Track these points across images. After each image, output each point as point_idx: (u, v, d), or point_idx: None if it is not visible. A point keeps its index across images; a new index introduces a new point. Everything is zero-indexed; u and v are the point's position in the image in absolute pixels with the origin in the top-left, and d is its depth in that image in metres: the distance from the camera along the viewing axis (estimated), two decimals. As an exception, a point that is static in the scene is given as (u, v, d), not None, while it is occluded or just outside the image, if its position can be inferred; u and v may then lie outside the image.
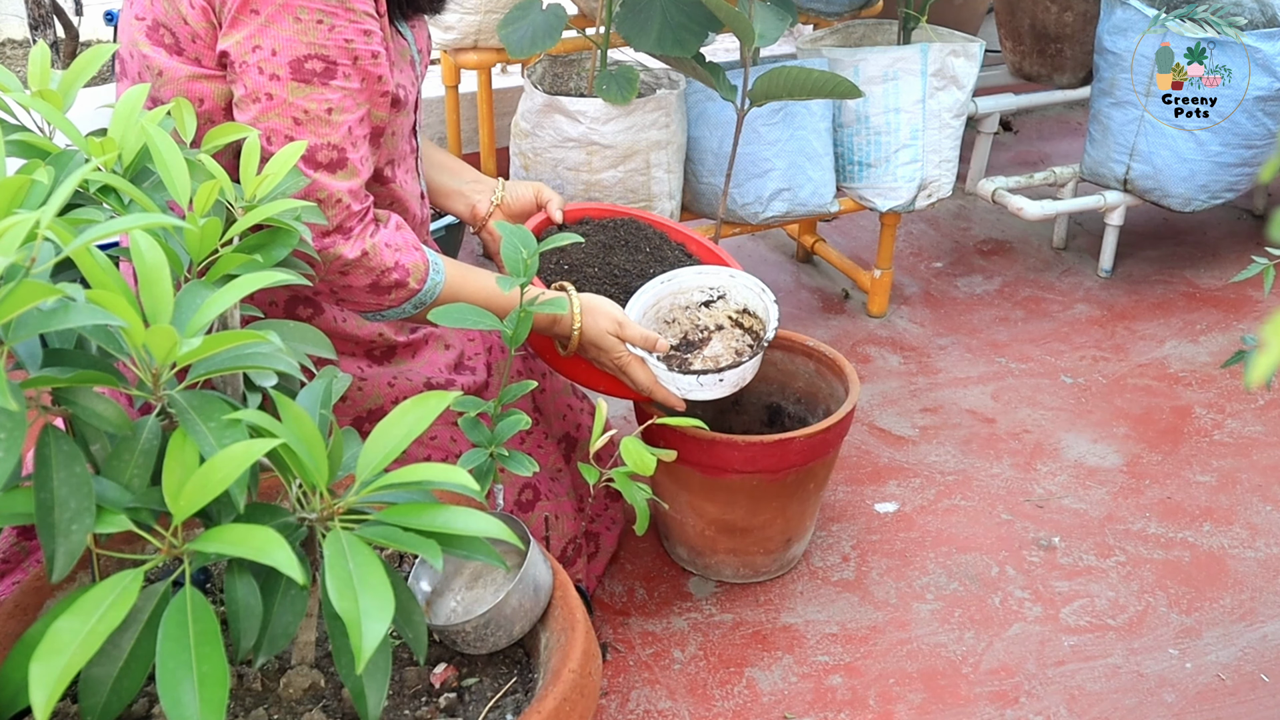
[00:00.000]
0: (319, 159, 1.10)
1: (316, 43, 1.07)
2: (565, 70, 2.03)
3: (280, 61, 1.07)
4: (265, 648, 0.77)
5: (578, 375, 1.43)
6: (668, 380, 1.38)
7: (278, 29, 1.06)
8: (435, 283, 1.22)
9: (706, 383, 1.37)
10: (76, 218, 0.77)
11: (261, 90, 1.08)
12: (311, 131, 1.09)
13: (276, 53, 1.07)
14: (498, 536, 0.76)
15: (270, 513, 0.78)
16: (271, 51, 1.07)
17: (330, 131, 1.10)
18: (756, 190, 2.07)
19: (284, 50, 1.07)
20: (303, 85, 1.08)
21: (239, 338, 0.71)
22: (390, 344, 1.34)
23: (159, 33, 1.11)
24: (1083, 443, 2.01)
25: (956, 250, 2.71)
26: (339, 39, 1.09)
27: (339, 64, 1.09)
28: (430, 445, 1.34)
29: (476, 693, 1.00)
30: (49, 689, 0.60)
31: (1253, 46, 2.17)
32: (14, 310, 0.60)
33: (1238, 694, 1.50)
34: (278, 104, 1.08)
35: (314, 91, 1.08)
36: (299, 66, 1.07)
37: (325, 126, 1.10)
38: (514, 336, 1.17)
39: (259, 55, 1.07)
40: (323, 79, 1.09)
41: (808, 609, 1.62)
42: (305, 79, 1.08)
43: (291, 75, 1.07)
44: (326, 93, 1.09)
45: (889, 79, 2.09)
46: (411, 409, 0.76)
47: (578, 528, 1.51)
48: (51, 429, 0.68)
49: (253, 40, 1.07)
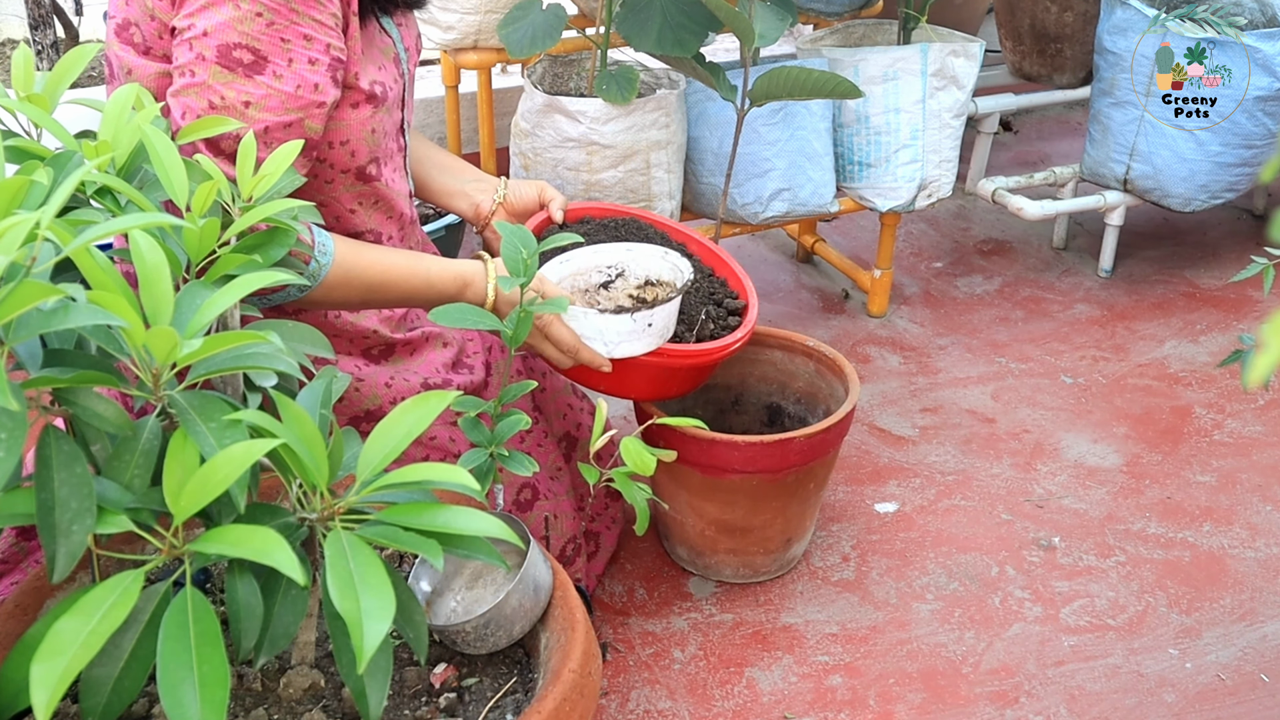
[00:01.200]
0: (222, 147, 1.09)
1: (250, 34, 1.07)
2: (565, 70, 2.03)
3: (209, 43, 1.06)
4: (266, 648, 0.77)
5: (577, 374, 1.43)
6: (592, 331, 1.31)
7: (215, 12, 1.06)
8: (320, 264, 1.16)
9: (635, 323, 1.31)
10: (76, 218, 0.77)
11: (187, 66, 1.07)
12: (221, 121, 1.07)
13: (208, 34, 1.06)
14: (498, 536, 0.76)
15: (270, 513, 0.78)
16: (204, 31, 1.06)
17: (243, 124, 1.07)
18: (756, 190, 2.07)
19: (215, 33, 1.06)
20: (225, 72, 1.07)
21: (239, 338, 0.71)
22: (387, 342, 1.34)
23: (129, 31, 1.12)
24: (1083, 443, 2.01)
25: (956, 250, 2.71)
26: (275, 36, 1.08)
27: (270, 61, 1.08)
28: (429, 446, 1.34)
29: (476, 693, 1.00)
30: (50, 689, 0.60)
31: (1253, 46, 2.17)
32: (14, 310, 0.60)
33: (1238, 694, 1.50)
34: (198, 84, 1.07)
35: (235, 81, 1.07)
36: (226, 53, 1.07)
37: (238, 118, 1.08)
38: (514, 337, 1.17)
39: (192, 32, 1.07)
40: (248, 71, 1.08)
41: (808, 609, 1.62)
42: (229, 66, 1.07)
43: (217, 59, 1.07)
44: (249, 86, 1.08)
45: (889, 79, 2.09)
46: (411, 409, 0.76)
47: (577, 527, 1.51)
48: (52, 429, 0.68)
49: (191, 17, 1.07)
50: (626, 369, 1.39)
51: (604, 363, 1.33)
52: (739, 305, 1.51)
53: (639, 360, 1.38)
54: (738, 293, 1.54)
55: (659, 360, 1.39)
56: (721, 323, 1.47)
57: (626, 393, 1.48)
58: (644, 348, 1.35)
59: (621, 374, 1.40)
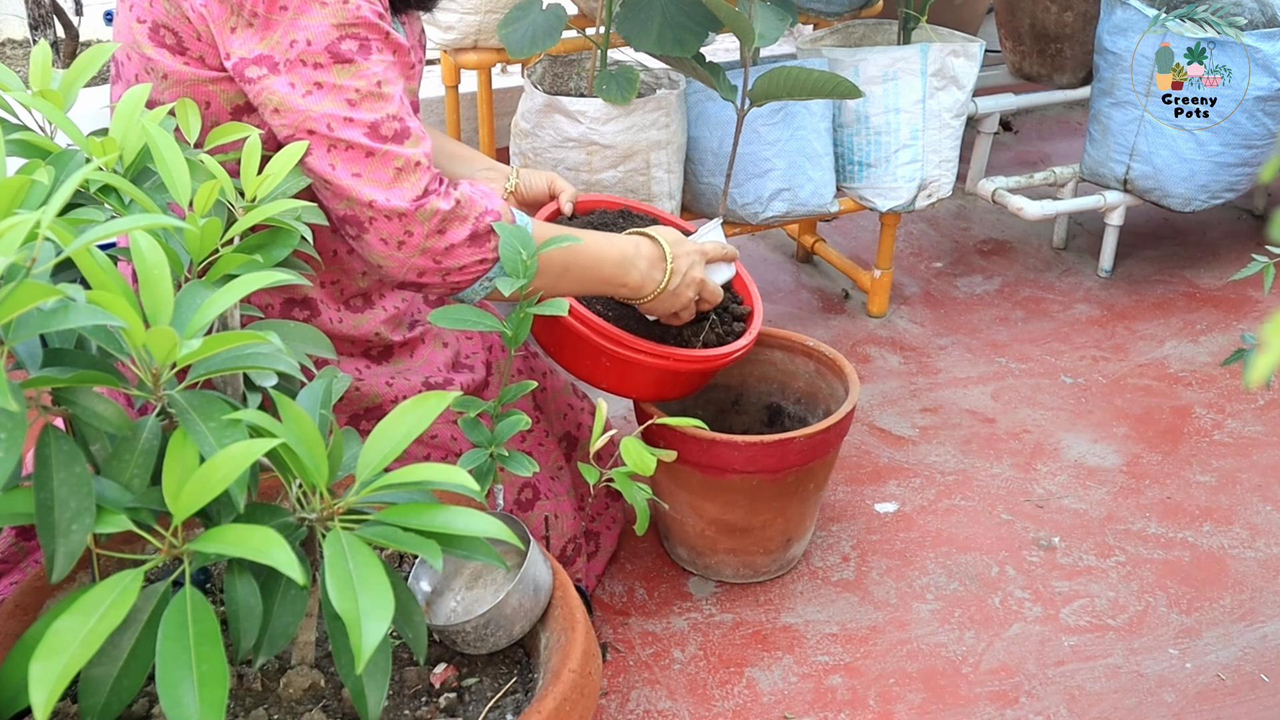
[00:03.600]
0: (383, 132, 1.10)
1: (346, 23, 1.07)
2: (565, 70, 2.03)
3: (318, 48, 1.06)
4: (265, 648, 0.77)
5: (580, 370, 1.43)
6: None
7: (307, 19, 1.06)
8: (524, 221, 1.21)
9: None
10: (77, 218, 0.77)
11: (310, 81, 1.07)
12: (369, 109, 1.09)
13: (312, 41, 1.06)
14: (498, 536, 0.76)
15: (270, 513, 0.78)
16: (307, 42, 1.06)
17: (385, 104, 1.09)
18: (756, 190, 2.07)
19: (319, 37, 1.06)
20: (346, 66, 1.07)
21: (239, 338, 0.71)
22: (387, 343, 1.34)
23: (160, 34, 1.10)
24: (1083, 443, 2.01)
25: (956, 250, 2.71)
26: (366, 16, 1.08)
27: (371, 39, 1.09)
28: (430, 444, 1.34)
29: (476, 693, 1.00)
30: (49, 689, 0.60)
31: (1253, 46, 2.17)
32: (14, 310, 0.60)
33: (1238, 694, 1.50)
34: (328, 90, 1.07)
35: (357, 69, 1.08)
36: (336, 49, 1.07)
37: (379, 101, 1.09)
38: (514, 337, 1.17)
39: (298, 49, 1.06)
40: (362, 55, 1.08)
41: (808, 609, 1.62)
42: (346, 59, 1.07)
43: (333, 60, 1.07)
44: (370, 67, 1.09)
45: (889, 79, 2.09)
46: (411, 409, 0.76)
47: (578, 527, 1.51)
48: (51, 429, 0.68)
49: (288, 35, 1.06)
50: (631, 369, 1.39)
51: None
52: (744, 311, 1.51)
53: (644, 362, 1.38)
54: (743, 298, 1.54)
55: (664, 363, 1.39)
56: (726, 328, 1.48)
57: (630, 392, 1.48)
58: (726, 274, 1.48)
59: (626, 374, 1.40)
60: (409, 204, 1.10)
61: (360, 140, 1.08)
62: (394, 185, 1.10)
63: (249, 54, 1.07)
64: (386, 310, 1.33)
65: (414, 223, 1.11)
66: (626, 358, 1.37)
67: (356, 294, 1.30)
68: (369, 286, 1.31)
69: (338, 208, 1.11)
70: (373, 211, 1.10)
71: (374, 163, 1.09)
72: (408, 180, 1.10)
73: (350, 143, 1.08)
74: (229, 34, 1.07)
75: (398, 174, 1.10)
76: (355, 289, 1.29)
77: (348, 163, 1.08)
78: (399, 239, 1.12)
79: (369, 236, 1.12)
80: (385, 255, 1.13)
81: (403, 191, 1.10)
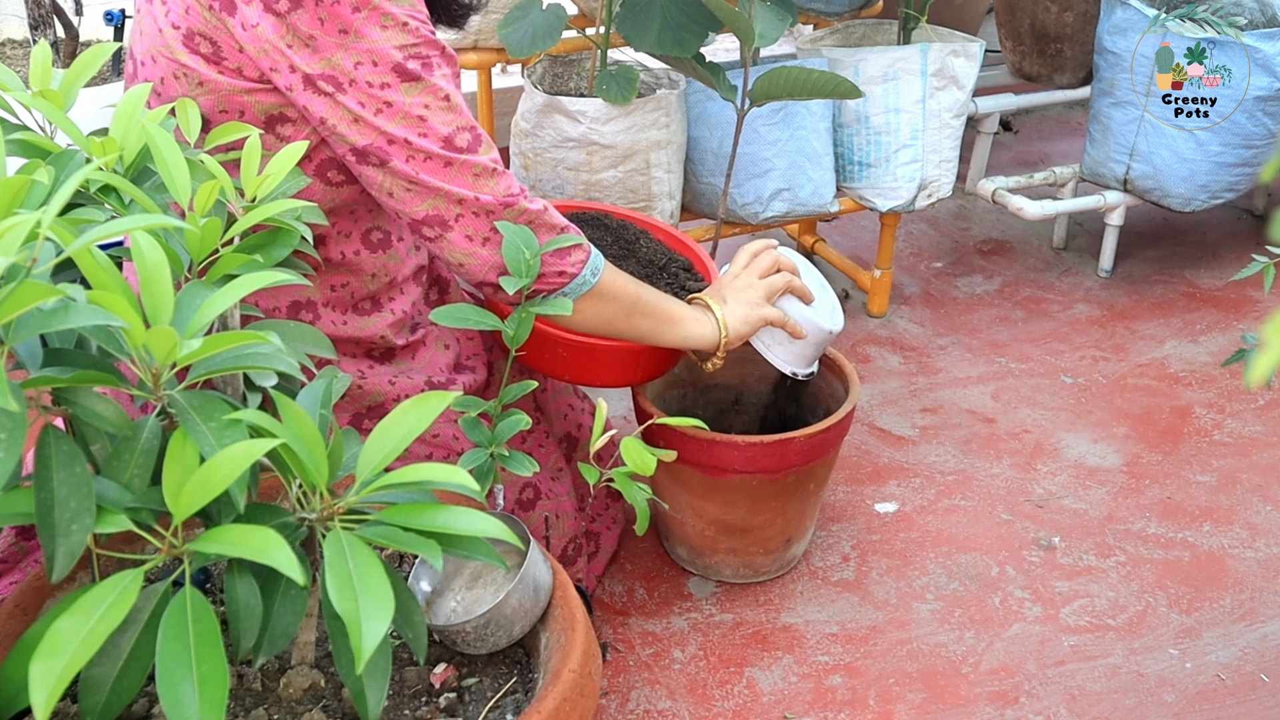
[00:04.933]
0: (458, 144, 1.11)
1: (407, 43, 1.08)
2: (565, 70, 2.03)
3: (384, 69, 1.07)
4: (265, 648, 0.77)
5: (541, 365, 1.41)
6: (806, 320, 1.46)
7: (368, 40, 1.06)
8: (593, 248, 1.24)
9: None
10: (77, 218, 0.77)
11: (379, 100, 1.08)
12: (440, 122, 1.10)
13: (378, 63, 1.07)
14: (498, 536, 0.76)
15: (270, 513, 0.77)
16: (373, 62, 1.07)
17: (455, 116, 1.11)
18: (756, 190, 2.07)
19: (384, 58, 1.07)
20: (413, 84, 1.09)
21: (239, 338, 0.71)
22: (391, 346, 1.34)
23: (195, 41, 1.09)
24: (1083, 443, 2.01)
25: (956, 250, 2.71)
26: (424, 34, 1.10)
27: (431, 56, 1.10)
28: (432, 443, 1.34)
29: (476, 693, 1.00)
30: (49, 689, 0.60)
31: (1253, 46, 2.17)
32: (14, 310, 0.60)
33: (1238, 694, 1.50)
34: (397, 110, 1.08)
35: (424, 86, 1.09)
36: (402, 69, 1.08)
37: (449, 113, 1.11)
38: (514, 337, 1.17)
39: (363, 70, 1.07)
40: (426, 72, 1.10)
41: (808, 609, 1.62)
42: (412, 78, 1.09)
43: (400, 79, 1.08)
44: (436, 82, 1.10)
45: (889, 79, 2.09)
46: (412, 409, 0.76)
47: (578, 527, 1.52)
48: (51, 429, 0.68)
49: (352, 57, 1.06)
50: (590, 356, 1.37)
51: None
52: (701, 286, 1.50)
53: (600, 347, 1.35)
54: (702, 276, 1.53)
55: (622, 344, 1.37)
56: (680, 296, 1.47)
57: (597, 381, 1.44)
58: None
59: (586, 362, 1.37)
60: (497, 200, 1.14)
61: (439, 152, 1.10)
62: (478, 187, 1.13)
63: (313, 70, 1.07)
64: (395, 314, 1.33)
65: (503, 219, 1.14)
66: (581, 344, 1.35)
67: (365, 297, 1.30)
68: (378, 289, 1.30)
69: (418, 209, 1.13)
70: (461, 209, 1.13)
71: (454, 171, 1.12)
72: (491, 181, 1.14)
73: (429, 153, 1.10)
74: (285, 49, 1.07)
75: (476, 178, 1.13)
76: (365, 291, 1.29)
77: (429, 171, 1.11)
78: (485, 235, 1.15)
79: (452, 234, 1.14)
80: (469, 252, 1.15)
81: (491, 189, 1.14)
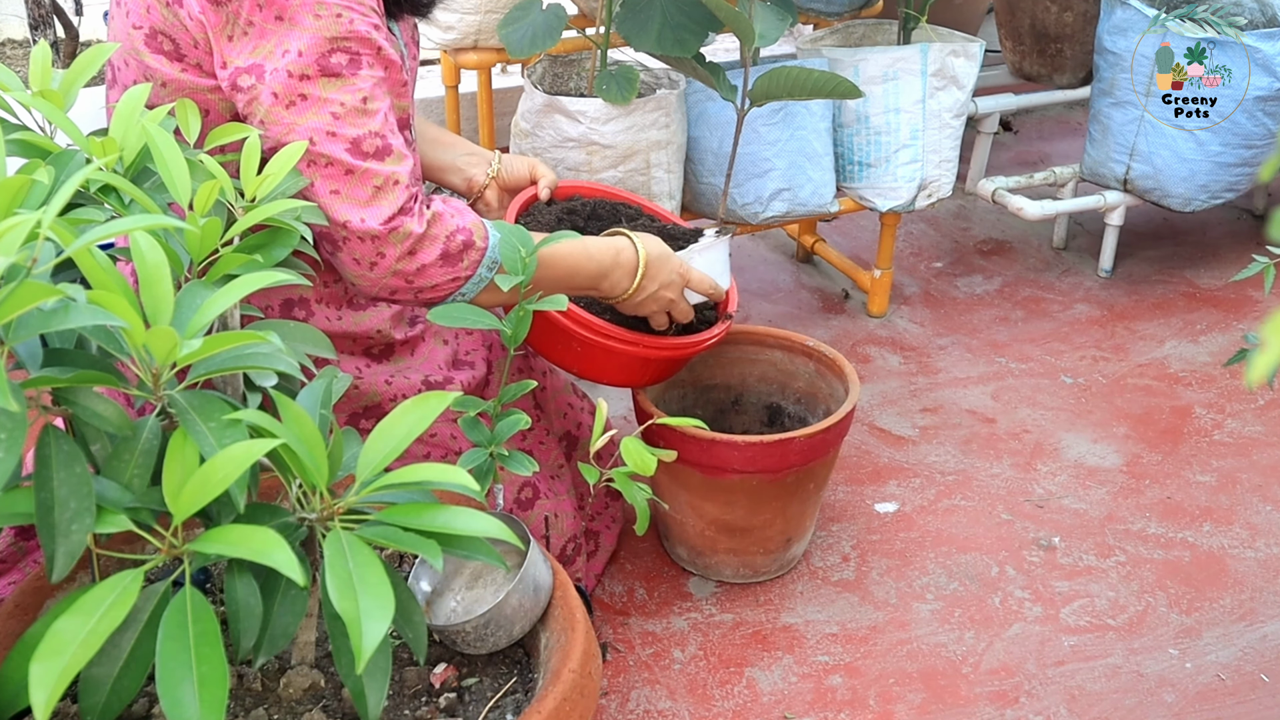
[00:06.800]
0: (365, 149, 1.10)
1: (339, 36, 1.07)
2: (565, 70, 2.03)
3: (308, 60, 1.06)
4: (265, 648, 0.77)
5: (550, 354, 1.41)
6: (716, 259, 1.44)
7: (300, 30, 1.06)
8: (496, 238, 1.21)
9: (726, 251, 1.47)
10: (77, 218, 0.77)
11: (295, 92, 1.07)
12: (352, 124, 1.09)
13: (303, 53, 1.06)
14: (498, 536, 0.76)
15: (270, 513, 0.78)
16: (298, 52, 1.06)
17: (369, 120, 1.10)
18: (756, 190, 2.07)
19: (309, 49, 1.06)
20: (333, 80, 1.08)
21: (239, 338, 0.71)
22: (389, 341, 1.34)
23: (157, 40, 1.10)
24: (1083, 443, 2.01)
25: (956, 250, 2.71)
26: (359, 30, 1.08)
27: (362, 54, 1.09)
28: (431, 443, 1.34)
29: (476, 693, 1.00)
30: (49, 689, 0.60)
31: (1253, 46, 2.17)
32: (15, 310, 0.60)
33: (1238, 694, 1.50)
34: (313, 102, 1.07)
35: (345, 84, 1.08)
36: (325, 62, 1.07)
37: (363, 117, 1.09)
38: (513, 336, 1.16)
39: (287, 59, 1.06)
40: (350, 70, 1.08)
41: (808, 609, 1.62)
42: (334, 73, 1.08)
43: (321, 72, 1.07)
44: (357, 83, 1.09)
45: (889, 79, 2.09)
46: (411, 409, 0.76)
47: (578, 527, 1.51)
48: (52, 429, 0.68)
49: (281, 45, 1.06)
50: (601, 355, 1.38)
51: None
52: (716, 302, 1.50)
53: (613, 348, 1.37)
54: None
55: (633, 350, 1.37)
56: (699, 316, 1.47)
57: (599, 377, 1.45)
58: (727, 281, 1.48)
59: (595, 359, 1.39)
60: (381, 226, 1.10)
61: (341, 156, 1.08)
62: (370, 204, 1.10)
63: (243, 63, 1.07)
64: (391, 306, 1.33)
65: (387, 245, 1.11)
66: (595, 343, 1.36)
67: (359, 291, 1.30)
68: None
69: (316, 223, 1.12)
70: (346, 232, 1.10)
71: (353, 180, 1.09)
72: (384, 199, 1.11)
73: (331, 158, 1.08)
74: (226, 42, 1.07)
75: (375, 192, 1.10)
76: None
77: (327, 179, 1.09)
78: (371, 260, 1.12)
79: (342, 255, 1.13)
80: (358, 275, 1.14)
81: (377, 211, 1.10)
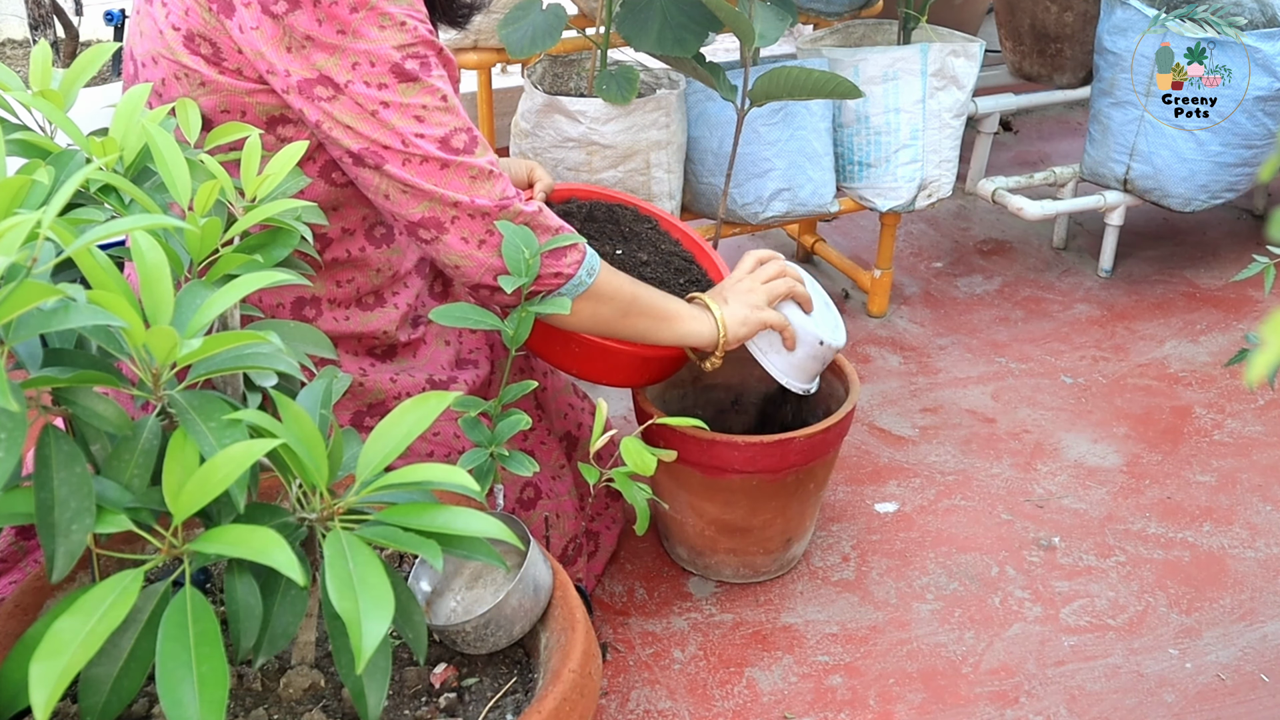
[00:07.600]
0: (455, 144, 1.12)
1: (405, 43, 1.08)
2: (565, 70, 2.03)
3: (382, 70, 1.07)
4: (265, 648, 0.77)
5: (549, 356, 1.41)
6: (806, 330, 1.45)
7: (366, 40, 1.06)
8: (588, 249, 1.24)
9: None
10: (77, 218, 0.77)
11: (376, 101, 1.08)
12: (437, 123, 1.10)
13: (375, 63, 1.07)
14: (498, 537, 0.75)
15: (270, 513, 0.77)
16: (370, 63, 1.07)
17: (452, 117, 1.12)
18: (756, 190, 2.07)
19: (381, 59, 1.07)
20: (411, 85, 1.09)
21: (239, 338, 0.71)
22: (393, 342, 1.34)
23: (195, 43, 1.10)
24: (1083, 443, 2.01)
25: (956, 250, 2.71)
26: (421, 34, 1.10)
27: (428, 56, 1.11)
28: (433, 441, 1.34)
29: (476, 693, 1.00)
30: (49, 689, 0.60)
31: (1253, 46, 2.17)
32: (15, 310, 0.60)
33: (1238, 694, 1.50)
34: (395, 109, 1.08)
35: (422, 86, 1.09)
36: (400, 69, 1.08)
37: (446, 114, 1.11)
38: (515, 336, 1.16)
39: (361, 71, 1.07)
40: (424, 73, 1.10)
41: (808, 609, 1.62)
42: (410, 78, 1.09)
43: (397, 79, 1.08)
44: (432, 83, 1.10)
45: (889, 79, 2.09)
46: (412, 409, 0.76)
47: (578, 527, 1.52)
48: (51, 429, 0.68)
49: (350, 58, 1.06)
50: (605, 357, 1.38)
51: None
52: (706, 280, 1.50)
53: (613, 349, 1.36)
54: (707, 269, 1.53)
55: (635, 350, 1.38)
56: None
57: (598, 378, 1.46)
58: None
59: (596, 361, 1.39)
60: (493, 203, 1.14)
61: (434, 153, 1.10)
62: (473, 189, 1.13)
63: (310, 74, 1.07)
64: (399, 307, 1.33)
65: (498, 222, 1.14)
66: (594, 344, 1.36)
67: (370, 291, 1.30)
68: (382, 284, 1.31)
69: (414, 212, 1.13)
70: (457, 211, 1.13)
71: (449, 173, 1.12)
72: (485, 185, 1.14)
73: (425, 155, 1.10)
74: (284, 53, 1.07)
75: (473, 181, 1.13)
76: (370, 286, 1.29)
77: (425, 175, 1.11)
78: (480, 238, 1.15)
79: (449, 236, 1.14)
80: (464, 254, 1.15)
81: (487, 192, 1.14)
